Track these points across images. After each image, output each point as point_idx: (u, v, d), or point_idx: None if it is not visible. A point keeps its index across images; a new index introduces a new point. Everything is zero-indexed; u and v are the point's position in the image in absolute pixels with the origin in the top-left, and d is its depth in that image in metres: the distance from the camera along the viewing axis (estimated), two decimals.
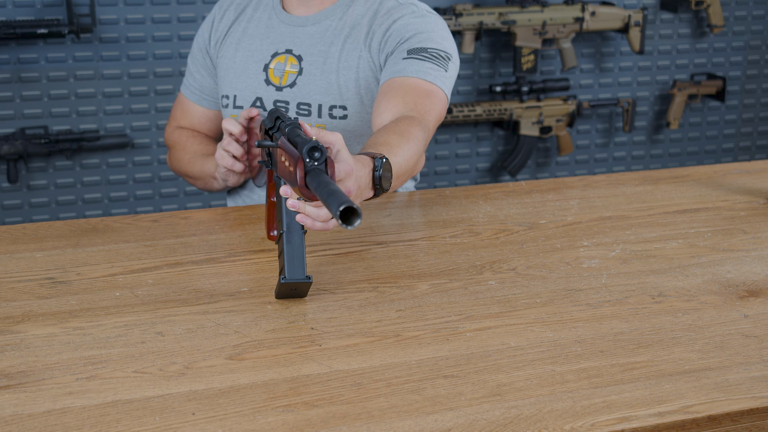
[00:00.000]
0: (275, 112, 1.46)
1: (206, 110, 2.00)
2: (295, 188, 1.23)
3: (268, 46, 1.87)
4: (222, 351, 1.25)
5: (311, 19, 1.86)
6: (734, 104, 3.75)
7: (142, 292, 1.42)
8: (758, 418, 1.13)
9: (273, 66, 1.85)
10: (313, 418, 1.10)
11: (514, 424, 1.09)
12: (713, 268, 1.52)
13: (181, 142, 1.98)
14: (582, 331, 1.31)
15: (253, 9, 1.92)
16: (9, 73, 2.95)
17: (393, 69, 1.74)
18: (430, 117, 1.66)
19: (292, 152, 1.23)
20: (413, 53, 1.73)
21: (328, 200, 1.12)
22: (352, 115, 1.82)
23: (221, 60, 1.92)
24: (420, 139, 1.57)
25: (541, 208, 1.79)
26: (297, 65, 1.84)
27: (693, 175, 2.00)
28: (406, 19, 1.79)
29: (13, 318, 1.34)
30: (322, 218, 1.28)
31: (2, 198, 3.04)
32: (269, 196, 1.56)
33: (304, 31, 1.86)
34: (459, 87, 3.39)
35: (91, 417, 1.10)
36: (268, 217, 1.59)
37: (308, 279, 1.36)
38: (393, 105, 1.66)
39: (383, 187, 1.40)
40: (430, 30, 1.78)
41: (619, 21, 3.38)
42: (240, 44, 1.90)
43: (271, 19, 1.89)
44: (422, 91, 1.69)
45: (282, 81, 1.84)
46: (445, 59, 1.75)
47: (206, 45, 1.95)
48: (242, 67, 1.88)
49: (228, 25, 1.92)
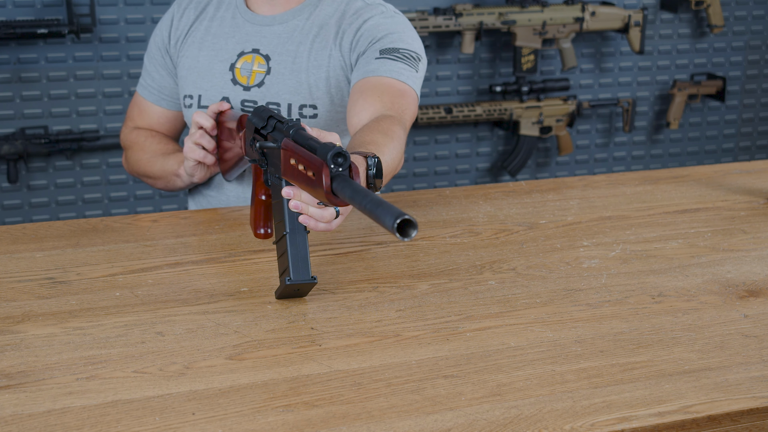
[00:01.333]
0: (265, 111, 1.45)
1: (165, 110, 1.98)
2: (317, 192, 1.22)
3: (233, 46, 1.87)
4: (222, 351, 1.25)
5: (278, 19, 1.86)
6: (734, 104, 3.75)
7: (142, 292, 1.42)
8: (758, 418, 1.13)
9: (239, 65, 1.85)
10: (313, 418, 1.10)
11: (514, 424, 1.09)
12: (713, 268, 1.52)
13: (139, 143, 1.96)
14: (582, 331, 1.31)
15: (215, 8, 1.91)
16: (9, 73, 2.95)
17: (366, 68, 1.75)
18: (406, 116, 1.69)
19: (310, 158, 1.22)
20: (385, 53, 1.76)
21: (377, 212, 1.09)
22: (322, 114, 1.82)
23: (182, 59, 1.91)
24: (401, 137, 1.59)
25: (541, 208, 1.79)
26: (265, 65, 1.84)
27: (693, 175, 2.00)
28: (377, 20, 1.81)
29: (13, 318, 1.34)
30: (325, 219, 1.28)
31: (2, 198, 3.04)
32: (256, 194, 1.55)
33: (270, 30, 1.86)
34: (459, 87, 3.39)
35: (91, 417, 1.10)
36: (255, 215, 1.58)
37: (313, 279, 1.36)
38: (370, 104, 1.67)
39: (376, 185, 1.40)
40: (400, 30, 1.80)
41: (619, 21, 3.38)
42: (203, 43, 1.89)
43: (235, 18, 1.89)
44: (397, 90, 1.71)
45: (250, 80, 1.84)
46: (415, 60, 1.77)
47: (165, 44, 1.93)
48: (207, 66, 1.87)
49: (189, 24, 1.91)
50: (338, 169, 1.18)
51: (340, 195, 1.17)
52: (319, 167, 1.19)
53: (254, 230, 1.58)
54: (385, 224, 1.07)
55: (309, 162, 1.22)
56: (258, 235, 1.58)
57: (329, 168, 1.18)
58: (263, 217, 1.56)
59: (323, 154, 1.19)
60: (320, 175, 1.19)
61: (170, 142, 1.98)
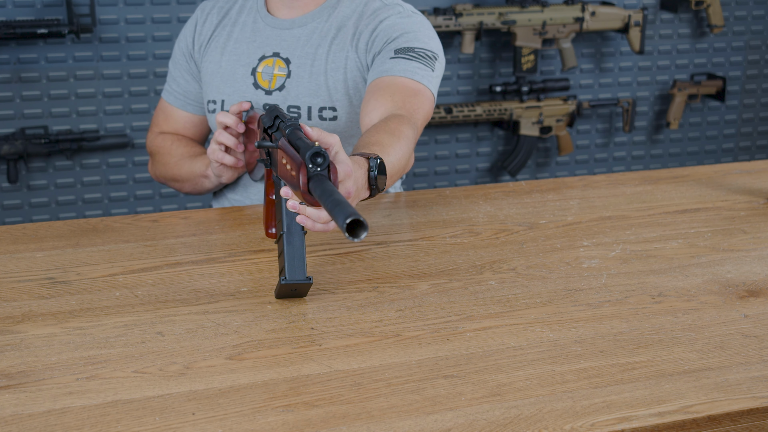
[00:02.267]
0: (274, 110, 1.46)
1: (191, 115, 1.99)
2: (296, 192, 1.23)
3: (254, 50, 1.87)
4: (222, 351, 1.25)
5: (297, 22, 1.87)
6: (734, 104, 3.75)
7: (142, 292, 1.42)
8: (758, 418, 1.13)
9: (261, 70, 1.85)
10: (313, 418, 1.10)
11: (514, 424, 1.09)
12: (713, 268, 1.52)
13: (166, 147, 1.97)
14: (582, 331, 1.31)
15: (237, 12, 1.92)
16: (9, 73, 2.95)
17: (380, 68, 1.75)
18: (418, 115, 1.68)
19: (294, 156, 1.23)
20: (400, 53, 1.75)
21: (334, 211, 1.12)
22: (341, 116, 1.82)
23: (206, 64, 1.91)
24: (410, 137, 1.58)
25: (541, 208, 1.79)
26: (285, 68, 1.84)
27: (693, 175, 2.00)
28: (393, 20, 1.81)
29: (13, 318, 1.34)
30: (322, 220, 1.28)
31: (2, 198, 3.04)
32: (267, 194, 1.56)
33: (290, 33, 1.86)
34: (459, 87, 3.39)
35: (91, 417, 1.10)
36: (266, 215, 1.59)
37: (308, 280, 1.36)
38: (381, 104, 1.67)
39: (378, 187, 1.40)
40: (416, 30, 1.79)
41: (619, 21, 3.38)
42: (225, 48, 1.89)
43: (256, 22, 1.89)
44: (410, 90, 1.71)
45: (271, 84, 1.84)
46: (431, 59, 1.76)
47: (190, 49, 1.94)
48: (229, 71, 1.87)
49: (212, 29, 1.92)
50: (316, 168, 1.20)
51: (314, 194, 1.19)
52: (299, 166, 1.21)
53: (266, 230, 1.60)
54: (338, 223, 1.10)
55: (292, 161, 1.23)
56: (269, 235, 1.59)
57: (307, 167, 1.19)
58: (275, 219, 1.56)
59: (303, 153, 1.21)
60: (298, 173, 1.21)
61: (196, 145, 1.98)
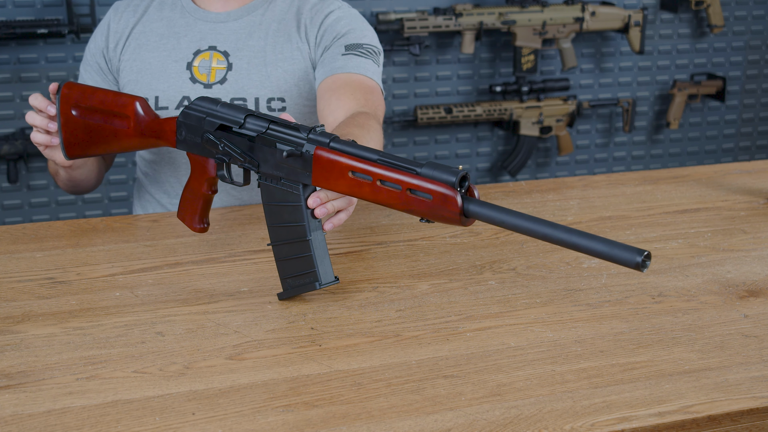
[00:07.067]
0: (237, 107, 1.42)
1: None
2: (431, 212, 1.25)
3: (187, 45, 1.87)
4: (222, 351, 1.25)
5: (232, 15, 1.88)
6: (734, 104, 3.75)
7: (142, 292, 1.42)
8: (758, 418, 1.13)
9: (197, 64, 1.85)
10: (313, 418, 1.10)
11: (514, 424, 1.09)
12: (713, 268, 1.52)
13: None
14: (582, 331, 1.31)
15: (158, 9, 1.90)
16: (9, 73, 2.95)
17: (333, 65, 1.78)
18: (379, 112, 1.73)
19: (426, 179, 1.24)
20: (351, 49, 1.80)
21: (608, 248, 1.14)
22: (290, 106, 1.85)
23: (128, 63, 1.88)
24: (378, 130, 1.62)
25: (541, 208, 1.79)
26: (224, 61, 1.85)
27: (693, 175, 2.00)
28: (337, 14, 1.86)
29: (13, 318, 1.34)
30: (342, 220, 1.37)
31: (2, 198, 3.04)
32: (200, 188, 1.50)
33: (225, 27, 1.87)
34: (459, 87, 3.39)
35: (91, 417, 1.10)
36: (197, 209, 1.52)
37: (336, 279, 1.40)
38: (344, 102, 1.70)
39: None
40: (361, 27, 1.85)
41: (619, 21, 3.38)
42: (150, 45, 1.87)
43: (184, 17, 1.89)
44: (367, 87, 1.75)
45: (210, 78, 1.85)
46: (376, 54, 1.83)
47: (102, 49, 1.90)
48: (159, 67, 1.86)
49: (129, 27, 1.89)
50: (464, 191, 1.24)
51: (473, 216, 1.22)
52: (443, 191, 1.23)
53: (192, 224, 1.52)
54: (625, 261, 1.13)
55: (416, 184, 1.24)
56: (200, 230, 1.53)
57: (458, 191, 1.22)
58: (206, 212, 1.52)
59: (447, 179, 1.22)
60: (441, 199, 1.23)
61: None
